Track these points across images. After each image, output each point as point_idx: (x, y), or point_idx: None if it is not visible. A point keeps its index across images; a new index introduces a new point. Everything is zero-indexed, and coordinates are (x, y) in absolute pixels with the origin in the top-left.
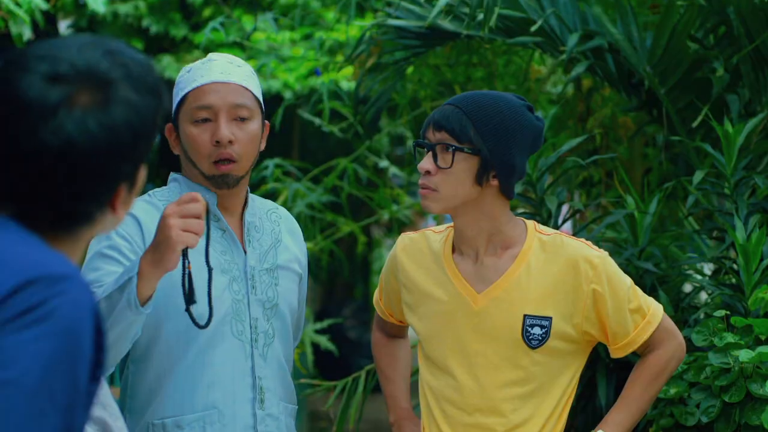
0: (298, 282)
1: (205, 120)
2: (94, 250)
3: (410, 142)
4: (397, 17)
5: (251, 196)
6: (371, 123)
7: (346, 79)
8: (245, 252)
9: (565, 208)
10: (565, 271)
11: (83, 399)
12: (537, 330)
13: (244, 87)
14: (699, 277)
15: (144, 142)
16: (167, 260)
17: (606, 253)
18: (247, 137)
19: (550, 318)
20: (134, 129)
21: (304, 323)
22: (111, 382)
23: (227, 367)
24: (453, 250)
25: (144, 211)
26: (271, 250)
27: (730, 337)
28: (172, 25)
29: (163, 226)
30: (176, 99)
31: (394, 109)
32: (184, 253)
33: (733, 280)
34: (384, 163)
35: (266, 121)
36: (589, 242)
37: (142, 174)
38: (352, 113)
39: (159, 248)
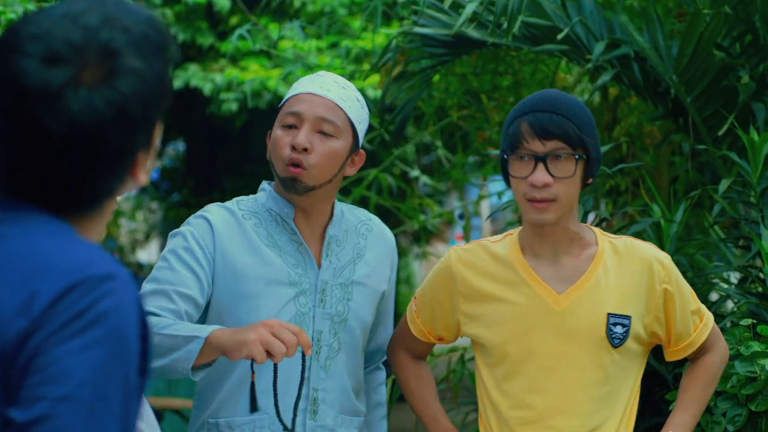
0: (377, 297)
1: (291, 126)
2: (169, 246)
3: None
4: (423, 25)
5: (342, 208)
6: (397, 131)
7: (372, 87)
8: (319, 266)
9: (591, 217)
10: (640, 271)
11: (135, 395)
12: (619, 329)
13: (337, 105)
14: (725, 285)
15: (156, 107)
16: (230, 352)
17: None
18: (325, 150)
19: (630, 317)
20: (143, 99)
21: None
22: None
23: (281, 376)
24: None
25: (220, 217)
26: (349, 266)
27: (756, 346)
28: (199, 34)
29: (252, 327)
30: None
31: (421, 118)
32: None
33: (760, 289)
34: (415, 172)
35: (362, 150)
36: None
37: (158, 132)
38: (378, 122)
39: (235, 337)
